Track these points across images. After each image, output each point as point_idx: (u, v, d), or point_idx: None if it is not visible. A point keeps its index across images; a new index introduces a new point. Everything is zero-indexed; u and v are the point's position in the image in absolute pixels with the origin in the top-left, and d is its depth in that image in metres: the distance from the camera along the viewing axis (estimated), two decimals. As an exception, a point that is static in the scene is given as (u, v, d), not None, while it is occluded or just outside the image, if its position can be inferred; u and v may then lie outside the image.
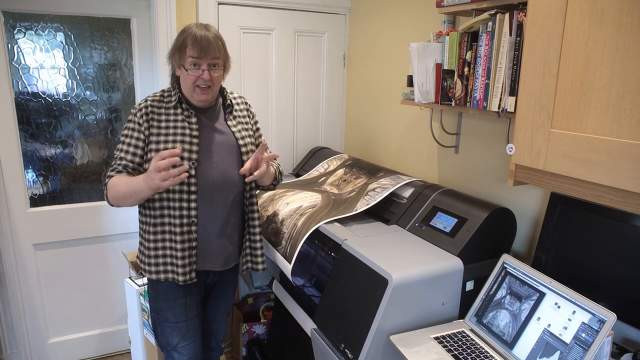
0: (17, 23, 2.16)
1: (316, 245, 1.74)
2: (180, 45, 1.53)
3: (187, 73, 1.53)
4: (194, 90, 1.55)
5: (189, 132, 1.57)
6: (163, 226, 1.59)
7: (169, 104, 1.60)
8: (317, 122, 2.78)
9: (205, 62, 1.52)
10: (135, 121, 1.57)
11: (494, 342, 1.35)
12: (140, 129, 1.56)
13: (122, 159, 1.55)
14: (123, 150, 1.56)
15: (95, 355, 2.64)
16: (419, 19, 2.13)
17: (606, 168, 1.05)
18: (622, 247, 1.28)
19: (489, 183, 1.81)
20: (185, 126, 1.58)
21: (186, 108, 1.60)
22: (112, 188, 1.51)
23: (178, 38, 1.55)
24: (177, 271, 1.59)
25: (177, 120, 1.58)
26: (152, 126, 1.56)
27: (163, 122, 1.57)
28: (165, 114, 1.59)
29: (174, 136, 1.56)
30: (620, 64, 1.00)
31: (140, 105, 1.59)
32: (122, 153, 1.56)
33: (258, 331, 2.50)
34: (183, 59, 1.53)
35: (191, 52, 1.51)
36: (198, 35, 1.50)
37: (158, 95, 1.62)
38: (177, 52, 1.54)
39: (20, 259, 2.35)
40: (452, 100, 1.65)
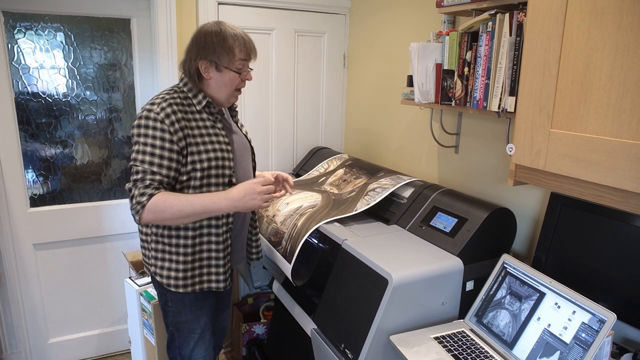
0: (17, 23, 2.16)
1: (316, 245, 1.74)
2: (227, 47, 1.46)
3: (236, 75, 1.50)
4: (233, 93, 1.53)
5: (222, 139, 1.52)
6: (202, 237, 1.52)
7: (190, 107, 1.49)
8: (317, 122, 2.78)
9: (250, 63, 1.53)
10: (166, 130, 1.40)
11: (494, 342, 1.35)
12: (173, 139, 1.40)
13: (155, 173, 1.39)
14: (156, 164, 1.39)
15: (95, 355, 2.64)
16: (419, 19, 2.13)
17: (606, 168, 1.05)
18: (622, 247, 1.28)
19: (489, 183, 1.81)
20: (218, 133, 1.52)
21: (213, 112, 1.53)
22: (165, 208, 1.36)
23: (219, 38, 1.46)
24: (219, 279, 1.57)
25: (207, 126, 1.50)
26: (187, 136, 1.43)
27: (195, 130, 1.47)
28: (194, 120, 1.48)
29: (212, 144, 1.48)
30: (620, 64, 1.00)
31: (166, 111, 1.41)
32: (155, 167, 1.39)
33: (258, 331, 2.50)
34: (232, 63, 1.47)
35: (241, 55, 1.48)
36: (245, 38, 1.49)
37: (177, 99, 1.47)
38: (222, 54, 1.46)
39: (20, 259, 2.35)
40: (452, 100, 1.65)
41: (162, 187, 1.41)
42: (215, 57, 1.46)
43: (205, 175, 1.47)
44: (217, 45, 1.45)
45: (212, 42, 1.46)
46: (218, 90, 1.52)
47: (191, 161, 1.44)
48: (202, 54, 1.46)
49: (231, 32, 1.47)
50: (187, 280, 1.53)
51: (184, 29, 2.32)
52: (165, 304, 1.61)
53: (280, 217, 1.90)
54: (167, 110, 1.42)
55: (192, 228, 1.50)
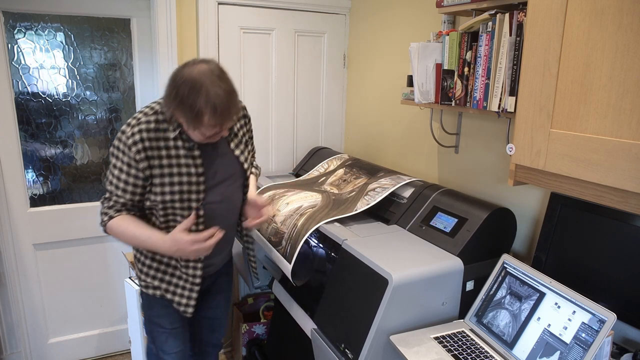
0: (17, 23, 2.16)
1: (316, 245, 1.74)
2: (194, 111, 1.28)
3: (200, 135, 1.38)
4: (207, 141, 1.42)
5: (195, 170, 1.45)
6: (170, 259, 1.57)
7: (166, 133, 1.41)
8: (317, 122, 2.78)
9: (223, 126, 1.37)
10: (132, 157, 1.38)
11: (494, 342, 1.35)
12: (138, 167, 1.40)
13: (119, 197, 1.44)
14: (120, 188, 1.43)
15: (95, 355, 2.64)
16: (419, 19, 2.13)
17: (606, 168, 1.05)
18: (622, 247, 1.28)
19: (489, 183, 1.81)
20: (190, 164, 1.45)
21: (187, 139, 1.44)
22: (118, 232, 1.44)
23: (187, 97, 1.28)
24: (181, 302, 1.59)
25: (179, 155, 1.43)
26: (152, 166, 1.41)
27: (164, 159, 1.42)
28: (165, 148, 1.42)
29: (179, 176, 1.43)
30: (620, 64, 1.00)
31: (134, 138, 1.37)
32: (120, 191, 1.43)
33: (258, 331, 2.50)
34: (198, 125, 1.32)
35: (211, 121, 1.31)
36: (218, 104, 1.28)
37: (152, 123, 1.41)
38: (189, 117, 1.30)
39: (20, 259, 2.35)
40: (452, 100, 1.65)
41: (125, 210, 1.46)
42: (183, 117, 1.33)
43: (168, 206, 1.46)
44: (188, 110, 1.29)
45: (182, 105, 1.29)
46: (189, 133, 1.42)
47: (154, 192, 1.44)
48: (174, 107, 1.33)
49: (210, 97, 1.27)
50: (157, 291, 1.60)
51: (184, 29, 2.32)
52: (141, 294, 1.68)
53: (280, 217, 1.90)
54: (135, 138, 1.38)
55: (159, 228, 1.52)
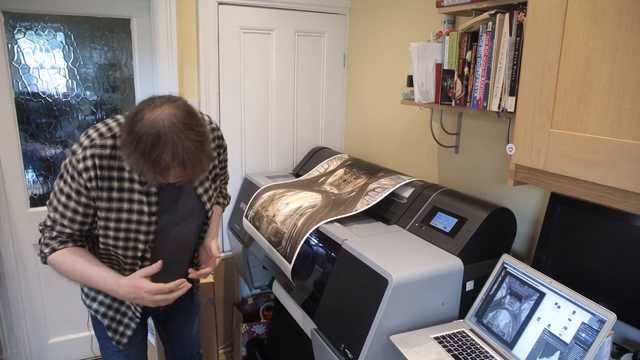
0: (17, 23, 2.16)
1: (316, 245, 1.74)
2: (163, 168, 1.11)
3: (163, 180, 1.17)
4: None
5: (147, 209, 1.29)
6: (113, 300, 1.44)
7: (121, 162, 1.24)
8: (317, 122, 2.78)
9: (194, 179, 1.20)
10: (82, 184, 1.23)
11: (494, 342, 1.35)
12: (89, 196, 1.25)
13: (65, 226, 1.27)
14: (67, 217, 1.26)
15: (95, 355, 2.64)
16: (419, 19, 2.13)
17: (606, 168, 1.05)
18: (622, 247, 1.28)
19: (489, 183, 1.81)
20: (143, 201, 1.28)
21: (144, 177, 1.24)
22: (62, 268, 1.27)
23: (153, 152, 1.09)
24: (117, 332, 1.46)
25: (132, 190, 1.27)
26: (100, 197, 1.25)
27: (115, 192, 1.26)
28: (118, 179, 1.26)
29: (128, 213, 1.28)
30: (620, 64, 1.00)
31: (86, 163, 1.21)
32: (66, 221, 1.26)
33: (258, 331, 2.50)
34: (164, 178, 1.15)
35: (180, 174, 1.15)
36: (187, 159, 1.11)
37: (108, 149, 1.23)
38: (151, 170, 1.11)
39: (20, 259, 2.35)
40: (452, 100, 1.65)
41: (71, 241, 1.30)
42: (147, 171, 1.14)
43: (110, 244, 1.32)
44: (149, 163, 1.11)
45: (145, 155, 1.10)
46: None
47: (98, 225, 1.29)
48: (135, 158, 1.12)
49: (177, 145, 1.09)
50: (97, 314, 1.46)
51: (184, 29, 2.32)
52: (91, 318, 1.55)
53: (280, 217, 1.90)
54: (87, 163, 1.21)
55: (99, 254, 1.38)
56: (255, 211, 2.09)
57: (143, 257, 1.36)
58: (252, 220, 2.08)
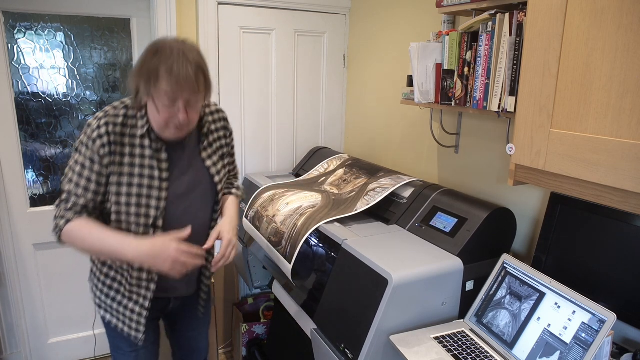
0: (17, 23, 2.16)
1: (316, 245, 1.74)
2: (151, 73, 1.19)
3: (157, 109, 1.24)
4: (166, 127, 1.28)
5: (158, 173, 1.33)
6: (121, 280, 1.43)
7: (134, 129, 1.31)
8: (317, 122, 2.78)
9: (181, 98, 1.22)
10: (95, 151, 1.27)
11: (494, 342, 1.35)
12: (102, 163, 1.28)
13: (79, 197, 1.29)
14: (81, 186, 1.29)
15: (95, 355, 2.64)
16: (419, 19, 2.13)
17: (606, 168, 1.05)
18: (622, 247, 1.28)
19: (489, 183, 1.81)
20: (154, 166, 1.33)
21: (155, 139, 1.32)
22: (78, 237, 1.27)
23: (149, 60, 1.20)
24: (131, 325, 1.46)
25: (144, 155, 1.32)
26: (113, 162, 1.29)
27: (127, 157, 1.30)
28: (129, 145, 1.31)
29: (139, 178, 1.31)
30: (620, 64, 1.00)
31: (99, 131, 1.27)
32: (81, 190, 1.29)
33: (258, 331, 2.50)
34: (154, 91, 1.21)
35: (165, 86, 1.19)
36: (175, 67, 1.17)
37: (121, 116, 1.30)
38: (145, 79, 1.20)
39: (20, 259, 2.35)
40: (452, 100, 1.65)
41: (86, 212, 1.30)
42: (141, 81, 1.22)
43: (123, 211, 1.33)
44: (144, 66, 1.20)
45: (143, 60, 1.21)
46: (153, 120, 1.29)
47: (109, 191, 1.31)
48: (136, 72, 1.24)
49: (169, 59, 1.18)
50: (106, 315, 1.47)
51: (184, 29, 2.32)
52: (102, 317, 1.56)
53: (280, 217, 1.90)
54: (101, 131, 1.27)
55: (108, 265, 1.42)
56: (255, 211, 2.09)
57: (155, 225, 1.35)
58: (252, 220, 2.09)
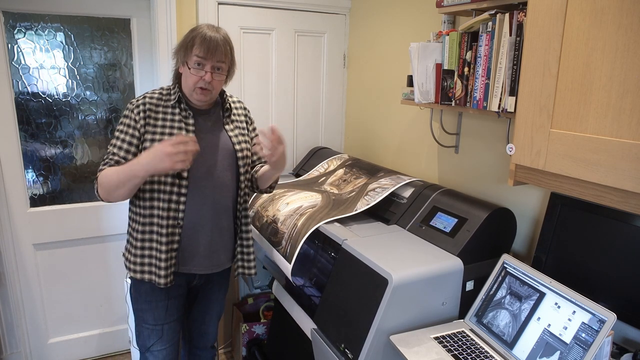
0: (17, 23, 2.16)
1: (316, 245, 1.74)
2: (188, 43, 1.51)
3: (189, 72, 1.52)
4: (193, 89, 1.53)
5: (185, 133, 1.55)
6: (151, 226, 1.57)
7: (167, 102, 1.58)
8: (317, 122, 2.78)
9: (209, 63, 1.51)
10: (132, 117, 1.53)
11: (494, 342, 1.35)
12: (135, 126, 1.53)
13: (114, 154, 1.52)
14: (116, 145, 1.53)
15: (95, 355, 2.64)
16: (419, 19, 2.13)
17: (606, 168, 1.05)
18: (622, 247, 1.28)
19: (489, 183, 1.81)
20: (182, 127, 1.56)
21: (184, 108, 1.58)
22: (104, 179, 1.47)
23: (187, 35, 1.53)
24: (160, 273, 1.56)
25: (174, 120, 1.56)
26: (148, 124, 1.54)
27: (160, 121, 1.55)
28: (162, 113, 1.56)
29: (169, 137, 1.52)
30: (620, 64, 1.00)
31: (137, 102, 1.55)
32: (115, 149, 1.52)
33: (258, 331, 2.50)
34: (188, 57, 1.51)
35: (197, 51, 1.49)
36: (207, 35, 1.49)
37: (157, 93, 1.59)
38: (183, 48, 1.53)
39: (20, 259, 2.35)
40: (452, 100, 1.65)
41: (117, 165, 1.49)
42: (181, 52, 1.54)
43: None
44: (183, 40, 1.54)
45: (183, 38, 1.55)
46: (184, 85, 1.57)
47: (143, 147, 1.53)
48: (176, 49, 1.57)
49: (202, 31, 1.51)
50: (136, 266, 1.60)
51: (184, 29, 2.32)
52: (130, 289, 1.69)
53: (280, 217, 1.90)
54: (139, 102, 1.55)
55: (142, 215, 1.57)
56: (255, 211, 2.09)
57: (180, 175, 1.55)
58: (252, 220, 2.09)
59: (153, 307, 1.64)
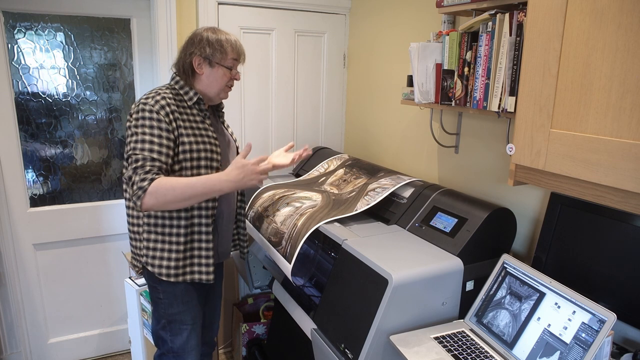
0: (17, 23, 2.16)
1: (316, 245, 1.74)
2: (221, 47, 1.59)
3: (224, 71, 1.61)
4: (223, 89, 1.64)
5: (211, 134, 1.62)
6: (193, 227, 1.59)
7: (183, 102, 1.59)
8: (317, 122, 2.78)
9: (239, 63, 1.66)
10: (162, 120, 1.47)
11: (494, 342, 1.35)
12: (169, 129, 1.49)
13: (155, 160, 1.44)
14: (155, 151, 1.45)
15: (95, 355, 2.64)
16: (419, 19, 2.13)
17: (606, 168, 1.05)
18: (622, 247, 1.28)
19: (489, 183, 1.81)
20: (207, 127, 1.61)
21: (203, 109, 1.63)
22: (167, 190, 1.41)
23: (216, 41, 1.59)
24: (207, 270, 1.62)
25: (196, 120, 1.59)
26: (179, 126, 1.53)
27: (187, 122, 1.56)
28: (185, 114, 1.57)
29: (201, 137, 1.58)
30: (620, 64, 1.00)
31: (160, 103, 1.50)
32: (155, 154, 1.44)
33: (258, 331, 2.50)
34: (224, 60, 1.60)
35: (233, 55, 1.61)
36: (236, 41, 1.64)
37: (169, 93, 1.55)
38: (217, 52, 1.59)
39: (20, 259, 2.35)
40: (452, 100, 1.65)
41: (162, 173, 1.47)
42: (210, 53, 1.58)
43: (195, 165, 1.55)
44: (213, 43, 1.59)
45: (207, 40, 1.59)
46: (209, 85, 1.62)
47: (182, 150, 1.53)
48: (197, 51, 1.58)
49: (224, 35, 1.62)
50: (179, 270, 1.58)
51: (184, 29, 2.32)
52: (157, 296, 1.64)
53: (280, 217, 1.90)
54: (161, 103, 1.50)
55: (184, 217, 1.56)
56: (255, 211, 2.09)
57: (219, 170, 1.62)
58: (252, 220, 2.09)
59: (190, 306, 1.66)
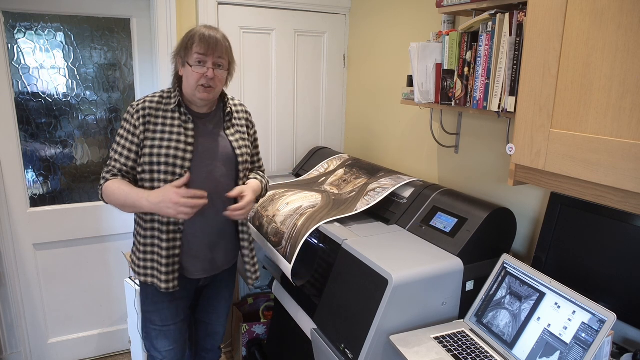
0: (17, 23, 2.16)
1: (316, 245, 1.74)
2: (187, 42, 1.52)
3: (191, 70, 1.50)
4: (196, 88, 1.52)
5: (184, 138, 1.54)
6: (152, 231, 1.58)
7: (167, 106, 1.57)
8: (317, 122, 2.78)
9: (210, 60, 1.50)
10: (132, 123, 1.53)
11: (494, 342, 1.35)
12: (135, 132, 1.53)
13: (116, 161, 1.54)
14: (117, 152, 1.54)
15: (95, 355, 2.64)
16: (419, 19, 2.13)
17: (606, 168, 1.05)
18: (622, 247, 1.28)
19: (489, 183, 1.81)
20: (182, 132, 1.55)
21: (184, 113, 1.57)
22: (109, 194, 1.51)
23: (185, 37, 1.54)
24: (161, 278, 1.57)
25: (173, 125, 1.55)
26: (147, 130, 1.53)
27: (159, 126, 1.54)
28: (162, 117, 1.55)
29: (168, 142, 1.53)
30: (620, 64, 1.00)
31: (137, 106, 1.55)
32: (117, 155, 1.54)
33: (258, 331, 2.50)
34: (189, 56, 1.51)
35: (197, 49, 1.49)
36: (206, 33, 1.50)
37: (157, 97, 1.58)
38: (183, 49, 1.53)
39: (20, 259, 2.35)
40: (452, 100, 1.65)
41: (121, 175, 1.54)
42: (182, 52, 1.54)
43: (154, 169, 1.53)
44: (182, 42, 1.55)
45: (181, 39, 1.56)
46: (186, 86, 1.55)
47: (142, 154, 1.53)
48: (175, 51, 1.58)
49: (200, 30, 1.52)
50: (140, 269, 1.63)
51: (184, 29, 2.32)
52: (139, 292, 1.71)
53: (280, 217, 1.90)
54: (139, 107, 1.54)
55: (144, 220, 1.59)
56: (255, 211, 2.09)
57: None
58: (252, 220, 2.09)
59: (159, 308, 1.65)
